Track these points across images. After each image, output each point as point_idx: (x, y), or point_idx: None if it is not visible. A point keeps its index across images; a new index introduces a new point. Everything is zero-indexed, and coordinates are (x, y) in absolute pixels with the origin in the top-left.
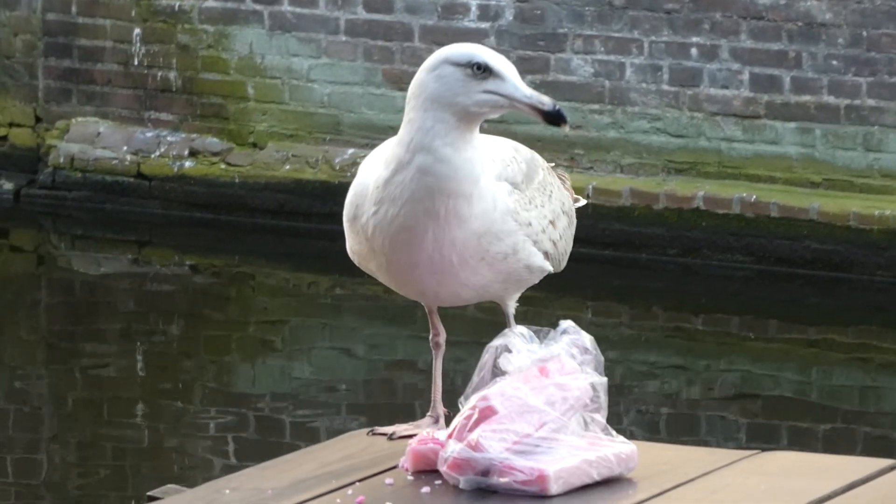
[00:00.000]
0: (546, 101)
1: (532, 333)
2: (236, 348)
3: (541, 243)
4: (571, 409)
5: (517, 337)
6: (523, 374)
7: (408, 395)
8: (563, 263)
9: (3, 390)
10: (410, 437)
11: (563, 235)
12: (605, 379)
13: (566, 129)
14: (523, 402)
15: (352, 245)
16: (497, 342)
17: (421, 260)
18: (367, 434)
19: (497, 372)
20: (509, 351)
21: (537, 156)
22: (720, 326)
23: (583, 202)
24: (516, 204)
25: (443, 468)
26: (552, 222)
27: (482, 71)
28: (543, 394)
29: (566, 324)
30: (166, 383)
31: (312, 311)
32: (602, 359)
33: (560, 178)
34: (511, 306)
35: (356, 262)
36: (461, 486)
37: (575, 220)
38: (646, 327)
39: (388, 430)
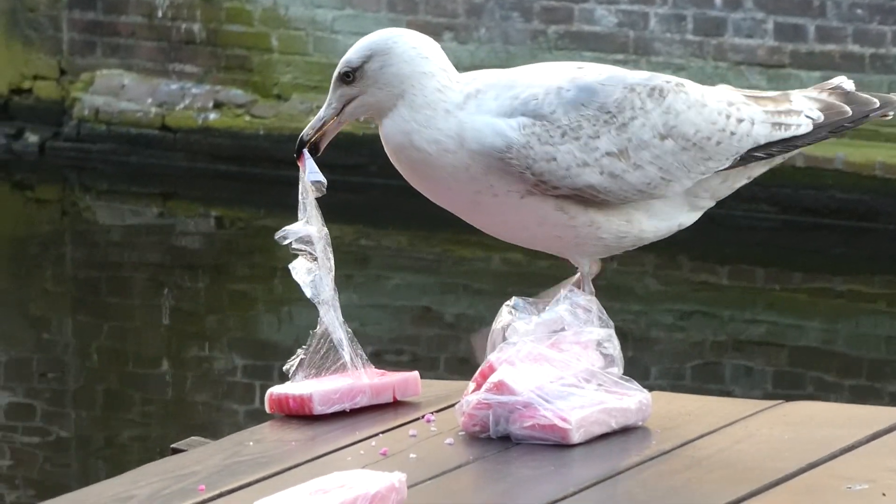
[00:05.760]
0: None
1: (529, 304)
2: (261, 300)
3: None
4: (586, 371)
5: (517, 311)
6: (536, 344)
7: (433, 347)
8: (664, 189)
9: (30, 342)
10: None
11: (652, 160)
12: (609, 330)
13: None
14: (542, 355)
15: None
16: (497, 325)
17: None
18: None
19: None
20: (514, 328)
21: (631, 78)
22: (745, 276)
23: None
24: (530, 137)
25: (461, 419)
26: (619, 153)
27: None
28: (559, 353)
29: (565, 290)
30: (191, 335)
31: (337, 261)
32: (605, 315)
33: (753, 98)
34: (583, 264)
35: None
36: (483, 436)
37: (714, 138)
38: (671, 278)
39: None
